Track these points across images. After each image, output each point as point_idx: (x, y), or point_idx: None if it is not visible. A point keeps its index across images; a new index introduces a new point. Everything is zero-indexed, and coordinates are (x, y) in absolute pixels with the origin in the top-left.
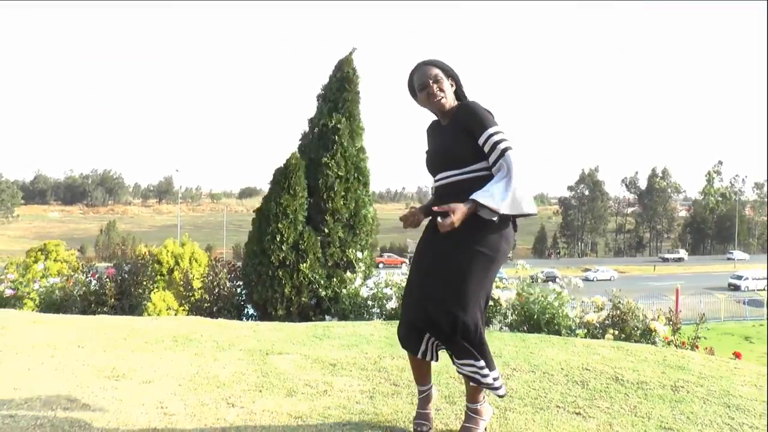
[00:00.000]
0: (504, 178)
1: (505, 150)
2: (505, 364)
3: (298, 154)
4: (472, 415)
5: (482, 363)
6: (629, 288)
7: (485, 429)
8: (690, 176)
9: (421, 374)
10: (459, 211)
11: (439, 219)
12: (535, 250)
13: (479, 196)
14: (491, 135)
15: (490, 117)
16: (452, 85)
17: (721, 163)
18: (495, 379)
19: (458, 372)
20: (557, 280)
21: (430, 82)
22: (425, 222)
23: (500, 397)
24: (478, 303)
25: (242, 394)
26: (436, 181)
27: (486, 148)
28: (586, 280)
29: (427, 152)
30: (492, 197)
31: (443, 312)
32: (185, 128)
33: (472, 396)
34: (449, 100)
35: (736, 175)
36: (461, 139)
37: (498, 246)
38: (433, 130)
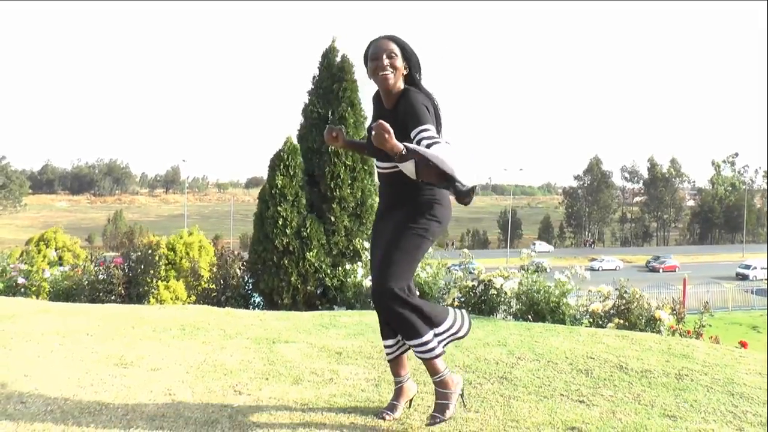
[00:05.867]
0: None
1: (429, 145)
2: (510, 353)
3: (295, 141)
4: (441, 390)
5: (427, 338)
6: (636, 278)
7: (460, 398)
8: (699, 166)
9: (394, 365)
10: (392, 138)
11: (373, 126)
12: (541, 239)
13: (412, 145)
14: (420, 131)
15: (425, 113)
16: (405, 68)
17: (737, 154)
18: (432, 340)
19: (416, 356)
20: (566, 271)
21: (384, 55)
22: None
23: (436, 356)
24: (404, 275)
25: (249, 382)
26: (378, 168)
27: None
28: (591, 269)
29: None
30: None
31: (373, 280)
32: (192, 118)
33: (432, 368)
34: (395, 81)
35: (746, 165)
36: (399, 131)
37: (429, 226)
38: (378, 109)
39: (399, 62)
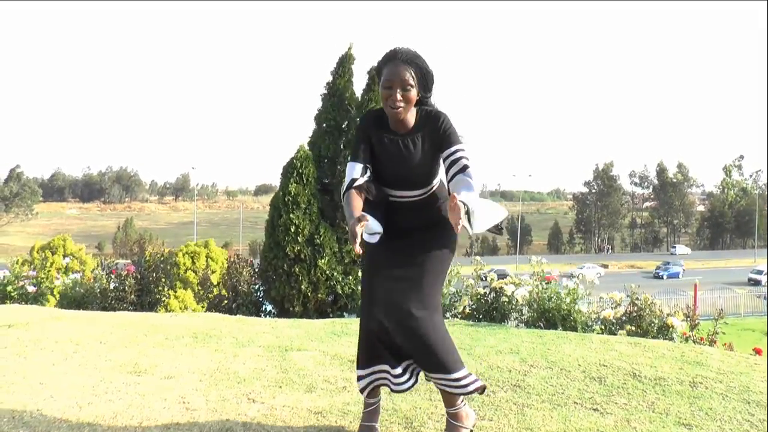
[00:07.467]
0: (473, 190)
1: (465, 167)
2: (522, 361)
3: (306, 148)
4: (452, 422)
5: (455, 375)
6: (646, 284)
7: None
8: (709, 170)
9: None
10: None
11: (455, 219)
12: (550, 245)
13: (476, 206)
14: (457, 151)
15: (456, 132)
16: (418, 94)
17: (742, 157)
18: (465, 377)
19: (428, 380)
20: (572, 276)
21: (398, 87)
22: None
23: (469, 393)
24: (438, 298)
25: (262, 390)
26: (402, 197)
27: (447, 163)
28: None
29: (382, 161)
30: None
31: (408, 314)
32: (201, 125)
33: (449, 400)
34: (405, 113)
35: (759, 170)
36: (431, 155)
37: (455, 239)
38: (384, 135)
39: (413, 93)
